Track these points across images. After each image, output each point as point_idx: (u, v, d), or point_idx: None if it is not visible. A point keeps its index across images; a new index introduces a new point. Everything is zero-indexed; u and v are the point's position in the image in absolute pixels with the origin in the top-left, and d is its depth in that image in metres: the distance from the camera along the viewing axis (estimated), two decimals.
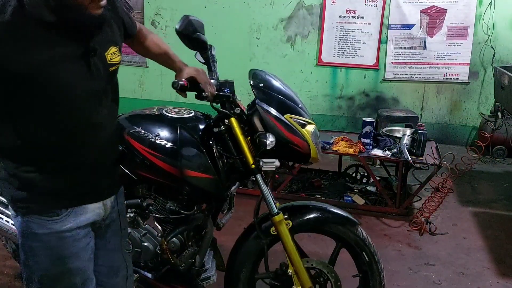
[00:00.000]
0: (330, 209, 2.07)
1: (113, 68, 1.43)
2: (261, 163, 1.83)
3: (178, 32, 1.72)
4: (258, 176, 1.89)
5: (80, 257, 1.46)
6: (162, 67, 1.93)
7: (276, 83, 1.98)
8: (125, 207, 1.72)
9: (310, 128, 1.90)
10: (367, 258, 2.06)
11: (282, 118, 1.86)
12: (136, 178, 1.99)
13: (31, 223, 1.39)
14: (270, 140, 1.81)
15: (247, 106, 1.95)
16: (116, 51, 1.44)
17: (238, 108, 1.91)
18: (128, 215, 2.00)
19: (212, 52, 1.98)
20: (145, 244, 2.01)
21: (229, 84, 1.90)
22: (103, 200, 1.52)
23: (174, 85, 1.75)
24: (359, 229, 2.06)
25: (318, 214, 2.03)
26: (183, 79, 1.77)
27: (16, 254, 2.44)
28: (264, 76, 1.98)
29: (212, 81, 1.87)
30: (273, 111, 1.86)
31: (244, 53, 5.84)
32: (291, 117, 1.88)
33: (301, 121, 1.90)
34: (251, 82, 1.92)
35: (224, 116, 1.90)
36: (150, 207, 2.04)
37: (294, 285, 1.99)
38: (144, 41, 1.78)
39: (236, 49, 5.70)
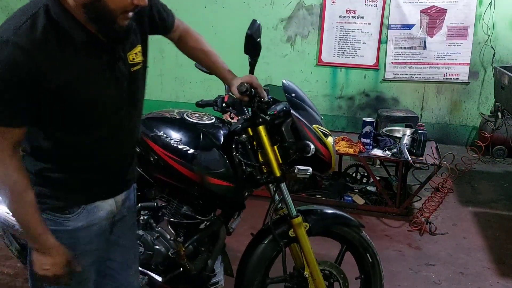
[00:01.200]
0: (338, 212, 2.14)
1: (135, 68, 1.43)
2: (296, 170, 1.85)
3: (249, 36, 1.74)
4: (283, 185, 1.92)
5: (86, 257, 1.49)
6: (162, 67, 1.92)
7: (303, 94, 2.01)
8: (135, 202, 1.72)
9: (331, 139, 1.96)
10: (370, 259, 2.13)
11: (312, 128, 1.91)
12: (152, 181, 1.99)
13: (45, 220, 1.40)
14: (312, 147, 1.84)
15: (269, 115, 1.94)
16: (139, 51, 1.44)
17: (267, 116, 1.92)
18: (141, 217, 2.01)
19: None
20: (157, 247, 2.00)
21: (267, 91, 1.91)
22: (114, 197, 1.53)
23: (242, 88, 1.75)
24: (363, 232, 2.13)
25: (329, 217, 2.11)
26: (246, 82, 1.78)
27: (21, 254, 2.44)
28: (294, 86, 2.00)
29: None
30: (305, 120, 1.90)
31: (244, 53, 5.82)
32: (317, 128, 1.93)
33: (324, 132, 1.95)
34: (285, 91, 1.94)
35: (250, 124, 1.91)
36: (164, 210, 2.03)
37: (309, 287, 2.01)
38: (192, 46, 1.81)
39: (236, 49, 5.67)
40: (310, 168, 1.86)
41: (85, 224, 1.45)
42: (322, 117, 2.03)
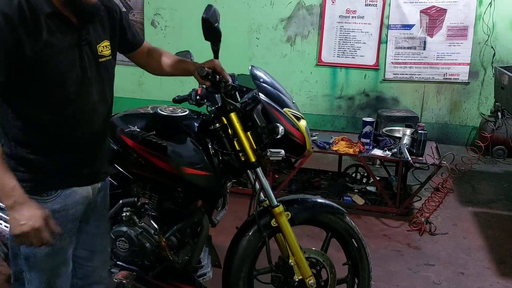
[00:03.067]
0: (320, 200, 2.17)
1: (103, 59, 1.53)
2: (268, 153, 1.88)
3: (205, 19, 1.73)
4: (259, 170, 1.94)
5: (65, 239, 1.54)
6: None
7: (272, 79, 2.03)
8: (108, 196, 1.77)
9: (303, 122, 1.98)
10: (356, 245, 2.16)
11: (283, 111, 1.93)
12: (132, 176, 2.01)
13: None
14: (281, 129, 1.85)
15: (241, 102, 1.98)
16: (108, 45, 1.55)
17: (238, 104, 1.94)
18: (124, 214, 2.03)
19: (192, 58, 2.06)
20: (142, 242, 2.01)
21: (232, 77, 1.94)
22: (91, 185, 1.59)
23: (202, 72, 1.78)
24: (347, 217, 2.16)
25: (312, 206, 2.13)
26: (206, 67, 1.80)
27: (7, 257, 2.44)
28: (261, 73, 2.03)
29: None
30: (275, 105, 1.92)
31: (244, 53, 5.84)
32: (289, 111, 1.95)
33: (297, 115, 1.97)
34: (252, 77, 1.96)
35: (222, 112, 1.92)
36: (146, 205, 2.06)
37: (295, 275, 2.03)
38: (155, 56, 1.86)
39: (236, 49, 5.69)
40: (282, 150, 1.88)
41: (61, 207, 1.50)
42: (294, 101, 2.05)
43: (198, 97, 2.07)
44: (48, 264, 1.54)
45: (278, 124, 1.86)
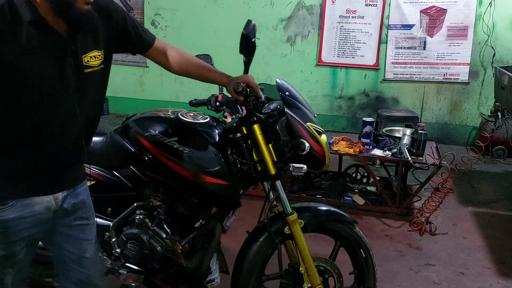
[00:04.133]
0: (332, 209, 2.17)
1: (89, 70, 1.47)
2: (291, 168, 1.88)
3: (245, 35, 1.75)
4: (278, 182, 1.94)
5: (18, 245, 1.51)
6: (162, 67, 1.93)
7: (297, 93, 2.03)
8: (89, 198, 1.71)
9: (324, 137, 1.98)
10: (363, 255, 2.17)
11: (306, 126, 1.93)
12: (147, 180, 2.00)
13: None
14: (307, 146, 1.86)
15: (263, 113, 1.96)
16: (99, 55, 1.49)
17: (262, 115, 1.93)
18: (137, 217, 2.01)
19: (212, 62, 2.06)
20: (153, 246, 2.00)
21: (261, 90, 1.92)
22: (53, 194, 1.54)
23: (238, 88, 1.78)
24: (356, 227, 2.17)
25: (323, 214, 2.14)
26: (241, 82, 1.80)
27: None
28: (287, 85, 2.02)
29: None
30: (299, 119, 1.92)
31: (239, 52, 5.82)
32: (311, 126, 1.94)
33: (318, 130, 1.97)
34: (279, 89, 1.96)
35: (244, 123, 1.92)
36: (159, 209, 2.04)
37: (305, 283, 2.03)
38: (177, 60, 1.84)
39: (236, 49, 5.65)
40: (305, 166, 1.88)
41: (17, 216, 1.46)
42: (315, 115, 2.05)
43: (217, 103, 2.06)
44: None
45: (304, 141, 1.86)
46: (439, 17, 5.39)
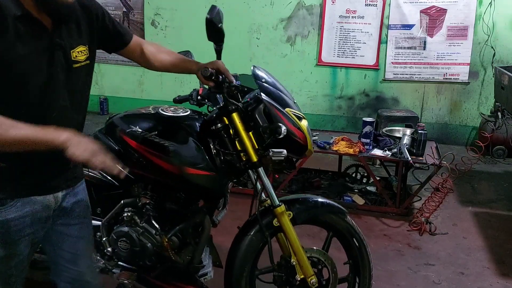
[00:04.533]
0: (321, 200, 2.18)
1: (77, 65, 1.49)
2: (270, 153, 1.88)
3: (209, 20, 1.74)
4: (260, 169, 1.94)
5: (21, 244, 1.52)
6: None
7: (273, 79, 2.03)
8: (86, 197, 1.73)
9: (305, 122, 1.98)
10: (357, 244, 2.17)
11: (284, 111, 1.93)
12: (133, 177, 2.00)
13: None
14: (283, 129, 1.85)
15: (243, 103, 1.97)
16: (84, 50, 1.51)
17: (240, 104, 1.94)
18: (125, 214, 2.02)
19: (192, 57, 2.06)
20: (143, 242, 2.01)
21: (235, 77, 1.94)
22: (53, 193, 1.55)
23: (205, 72, 1.79)
24: (348, 217, 2.17)
25: (313, 205, 2.14)
26: (210, 68, 1.81)
27: None
28: (263, 73, 2.03)
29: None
30: (277, 105, 1.92)
31: (244, 53, 5.84)
32: (290, 111, 1.95)
33: (298, 115, 1.97)
34: (254, 77, 1.96)
35: (224, 113, 1.92)
36: (147, 205, 2.05)
37: (297, 275, 2.04)
38: (153, 52, 1.85)
39: (236, 49, 5.69)
40: (285, 150, 1.88)
41: (17, 216, 1.48)
42: (295, 101, 2.05)
43: (199, 97, 2.07)
44: (3, 267, 1.53)
45: (281, 124, 1.86)
46: (439, 17, 5.39)
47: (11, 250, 1.51)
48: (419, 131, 3.72)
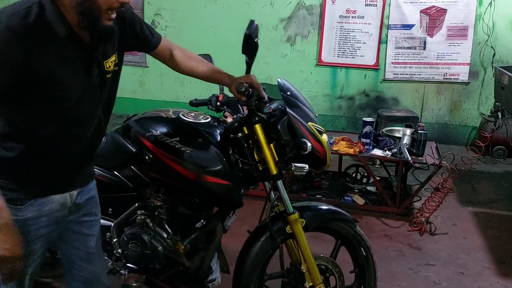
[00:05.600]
0: (332, 208, 2.19)
1: (109, 75, 1.53)
2: (293, 167, 1.88)
3: (248, 35, 1.75)
4: (279, 182, 1.95)
5: (36, 244, 1.55)
6: (162, 67, 1.94)
7: (298, 93, 2.03)
8: (97, 196, 1.76)
9: (325, 137, 1.98)
10: (364, 253, 2.19)
11: (307, 125, 1.93)
12: (148, 180, 2.01)
13: None
14: (309, 145, 1.86)
15: (265, 113, 1.97)
16: (114, 60, 1.55)
17: (263, 114, 1.94)
18: (138, 217, 2.01)
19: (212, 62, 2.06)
20: (155, 246, 2.00)
21: (263, 90, 1.92)
22: (69, 192, 1.59)
23: (241, 88, 1.79)
24: (357, 226, 2.19)
25: (324, 213, 2.15)
26: (244, 83, 1.81)
27: None
28: (289, 85, 2.03)
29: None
30: (300, 118, 1.92)
31: (241, 53, 5.82)
32: (312, 125, 1.95)
33: (319, 129, 1.97)
34: (280, 89, 1.96)
35: (246, 123, 1.92)
36: (160, 209, 2.04)
37: (306, 282, 2.04)
38: (182, 59, 1.88)
39: (236, 49, 5.64)
40: (307, 165, 1.89)
41: (35, 215, 1.50)
42: (316, 115, 2.05)
43: (218, 103, 2.07)
44: None
45: (306, 140, 1.86)
46: (439, 17, 5.39)
47: (27, 249, 1.52)
48: (419, 131, 3.73)
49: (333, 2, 5.58)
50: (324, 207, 2.18)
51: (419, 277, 2.95)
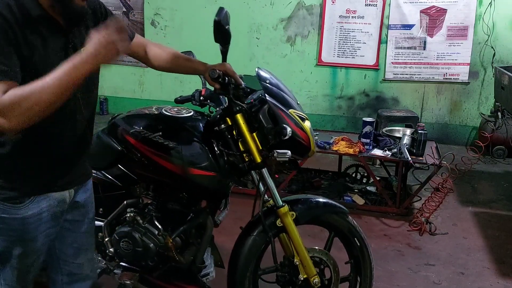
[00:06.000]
0: (323, 200, 2.19)
1: None
2: (275, 154, 1.87)
3: (217, 22, 1.74)
4: (264, 170, 1.94)
5: (37, 241, 1.55)
6: None
7: (277, 81, 2.03)
8: (93, 195, 1.77)
9: (308, 123, 1.98)
10: (358, 244, 2.18)
11: (288, 112, 1.93)
12: (136, 177, 2.01)
13: None
14: (289, 130, 1.86)
15: (246, 104, 1.97)
16: None
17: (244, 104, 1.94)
18: (127, 215, 2.02)
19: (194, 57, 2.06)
20: (146, 243, 2.01)
21: (241, 79, 1.93)
22: (68, 190, 1.59)
23: (213, 74, 1.79)
24: (349, 217, 2.18)
25: (315, 205, 2.15)
26: (218, 70, 1.81)
27: None
28: (267, 74, 2.03)
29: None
30: (281, 106, 1.92)
31: (244, 53, 5.84)
32: (294, 112, 1.95)
33: (301, 116, 1.97)
34: (259, 78, 1.96)
35: (227, 114, 1.93)
36: (150, 206, 2.05)
37: (300, 274, 2.04)
38: (157, 53, 1.86)
39: (236, 49, 5.66)
40: (289, 151, 1.88)
41: (35, 213, 1.51)
42: (298, 102, 2.05)
43: (201, 97, 2.07)
44: (21, 264, 1.56)
45: (286, 126, 1.86)
46: (439, 17, 5.39)
47: (28, 247, 1.53)
48: (419, 131, 3.72)
49: (333, 2, 5.57)
50: (315, 200, 2.17)
51: (419, 277, 2.95)
